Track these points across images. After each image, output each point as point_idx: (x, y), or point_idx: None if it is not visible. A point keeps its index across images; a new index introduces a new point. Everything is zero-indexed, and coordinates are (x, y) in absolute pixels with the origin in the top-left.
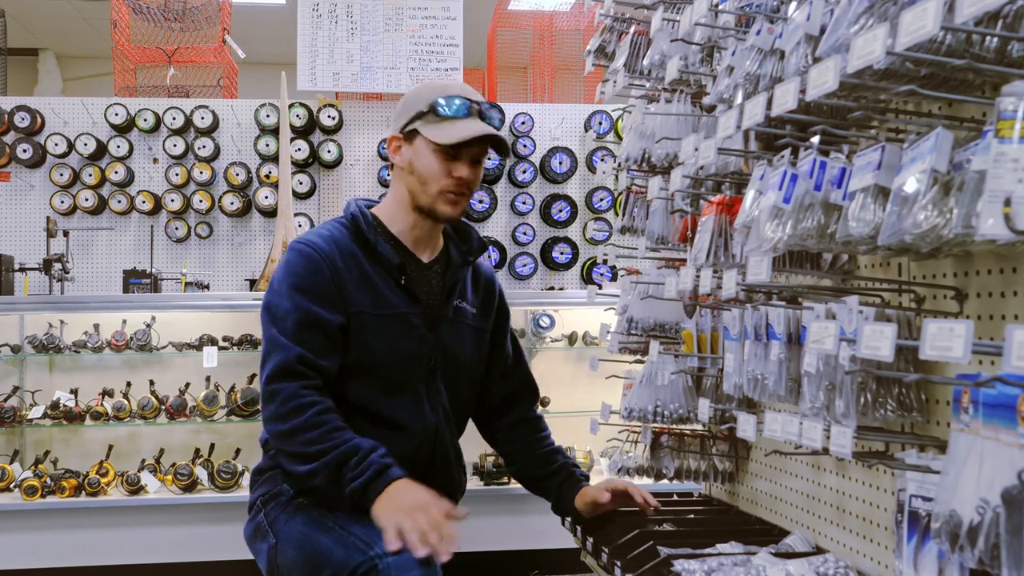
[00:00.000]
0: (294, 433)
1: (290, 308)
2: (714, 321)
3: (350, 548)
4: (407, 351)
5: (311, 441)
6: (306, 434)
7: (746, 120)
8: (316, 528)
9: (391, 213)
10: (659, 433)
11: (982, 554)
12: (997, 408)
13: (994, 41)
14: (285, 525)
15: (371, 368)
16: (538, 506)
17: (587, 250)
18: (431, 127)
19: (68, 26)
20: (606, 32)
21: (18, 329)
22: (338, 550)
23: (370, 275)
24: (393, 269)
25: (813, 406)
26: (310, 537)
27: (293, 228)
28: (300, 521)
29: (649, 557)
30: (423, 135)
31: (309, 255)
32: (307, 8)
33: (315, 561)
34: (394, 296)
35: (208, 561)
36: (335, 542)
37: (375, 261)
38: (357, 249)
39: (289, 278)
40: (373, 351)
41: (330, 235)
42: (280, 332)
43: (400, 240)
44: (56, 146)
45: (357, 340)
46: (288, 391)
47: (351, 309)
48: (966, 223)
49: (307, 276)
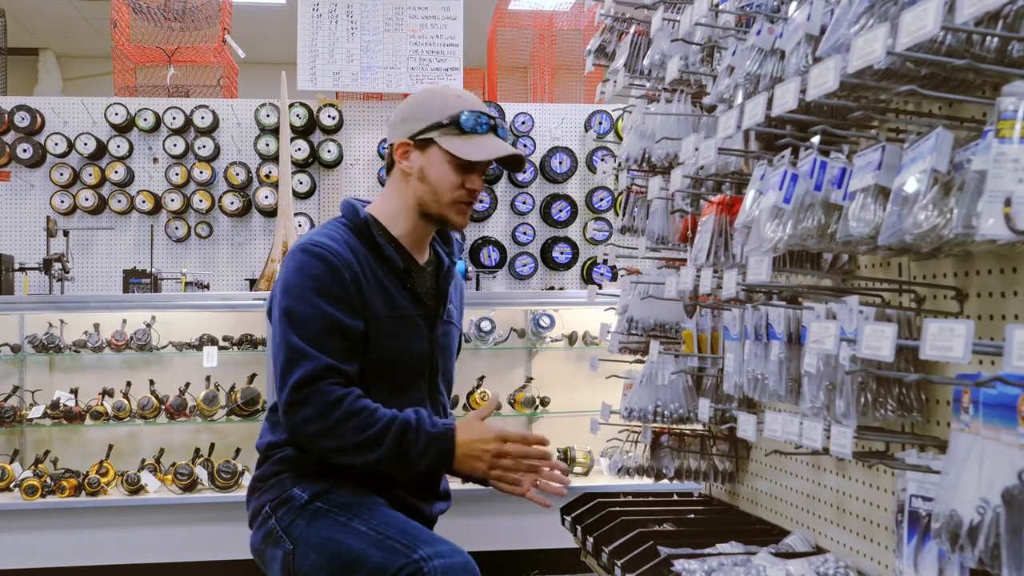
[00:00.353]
0: (336, 427)
1: (314, 314)
2: (714, 321)
3: (389, 551)
4: (415, 352)
5: (358, 429)
6: (349, 423)
7: (746, 120)
8: (343, 532)
9: (392, 215)
10: (659, 433)
11: (982, 554)
12: (997, 408)
13: (994, 41)
14: (305, 530)
15: (383, 370)
16: (537, 506)
17: (587, 250)
18: (452, 140)
19: (68, 26)
20: (606, 32)
21: (18, 329)
22: (375, 553)
23: (381, 278)
24: (400, 272)
25: (813, 406)
26: (338, 541)
27: (293, 228)
28: (323, 526)
29: (649, 557)
30: (441, 146)
31: (328, 259)
32: (307, 8)
33: (346, 565)
34: (402, 298)
35: (208, 561)
36: (370, 545)
37: (383, 264)
38: (367, 252)
39: (309, 282)
40: (386, 353)
41: (341, 238)
42: (303, 339)
43: (401, 243)
44: (56, 146)
45: (374, 343)
46: (317, 392)
47: (369, 313)
48: (966, 223)
49: (329, 281)
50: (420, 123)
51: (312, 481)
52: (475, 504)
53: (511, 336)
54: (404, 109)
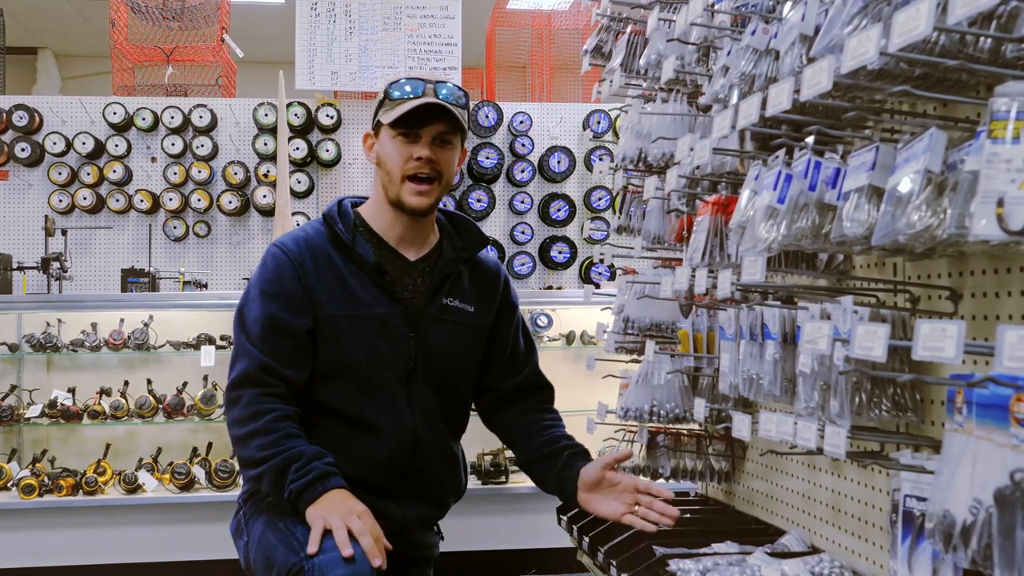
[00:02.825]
0: (249, 438)
1: (258, 315)
2: (710, 321)
3: (290, 549)
4: (383, 352)
5: (262, 447)
6: (259, 439)
7: (741, 120)
8: (270, 528)
9: (373, 211)
10: (655, 433)
11: (975, 554)
12: (990, 408)
13: (988, 42)
14: (255, 524)
15: (346, 370)
16: (535, 505)
17: (585, 249)
18: (388, 113)
19: (67, 25)
20: (603, 32)
21: (16, 328)
22: (281, 551)
23: (344, 275)
24: (370, 269)
25: (808, 406)
26: (266, 536)
27: (291, 227)
28: (263, 521)
29: (645, 556)
30: (383, 122)
31: (278, 257)
32: (305, 7)
33: (268, 561)
34: (369, 296)
35: (205, 560)
36: (280, 542)
37: (351, 261)
38: (332, 249)
39: (260, 283)
40: (347, 353)
41: (304, 236)
42: (247, 339)
43: (383, 238)
44: (54, 145)
45: (328, 342)
46: (248, 397)
47: (320, 312)
48: (959, 223)
49: (275, 280)
50: (374, 110)
51: None
52: (472, 503)
53: None
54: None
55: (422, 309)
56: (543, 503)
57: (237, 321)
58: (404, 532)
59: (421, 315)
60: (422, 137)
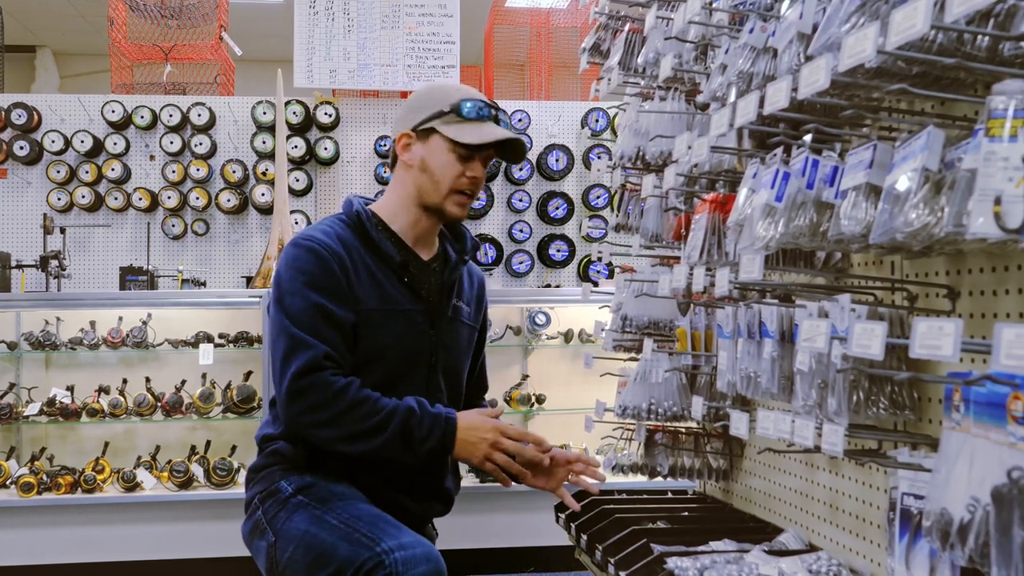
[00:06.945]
0: (339, 417)
1: (307, 306)
2: (708, 319)
3: (356, 544)
4: (410, 347)
5: (363, 417)
6: (354, 412)
7: (739, 118)
8: (318, 525)
9: (392, 210)
10: (653, 431)
11: (972, 552)
12: (987, 407)
13: (985, 40)
14: (285, 523)
15: (376, 363)
16: (533, 503)
17: (584, 247)
18: (452, 127)
19: (65, 23)
20: (601, 30)
21: (14, 326)
22: (343, 546)
23: (375, 272)
24: (396, 266)
25: (805, 404)
26: (312, 534)
27: (289, 225)
28: (301, 519)
29: (642, 554)
30: (442, 133)
31: (319, 252)
32: (304, 5)
33: (319, 558)
34: (398, 293)
35: (204, 558)
36: (340, 539)
37: (378, 258)
38: (361, 246)
39: (301, 276)
40: (380, 346)
41: (334, 232)
42: (301, 330)
43: (401, 238)
44: (53, 143)
45: (365, 336)
46: (319, 382)
47: (360, 307)
48: (957, 221)
49: (320, 274)
50: (422, 113)
51: (300, 475)
52: (471, 502)
53: (507, 334)
54: (407, 103)
55: (438, 308)
56: (541, 501)
57: (280, 315)
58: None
59: (439, 314)
60: (477, 158)
